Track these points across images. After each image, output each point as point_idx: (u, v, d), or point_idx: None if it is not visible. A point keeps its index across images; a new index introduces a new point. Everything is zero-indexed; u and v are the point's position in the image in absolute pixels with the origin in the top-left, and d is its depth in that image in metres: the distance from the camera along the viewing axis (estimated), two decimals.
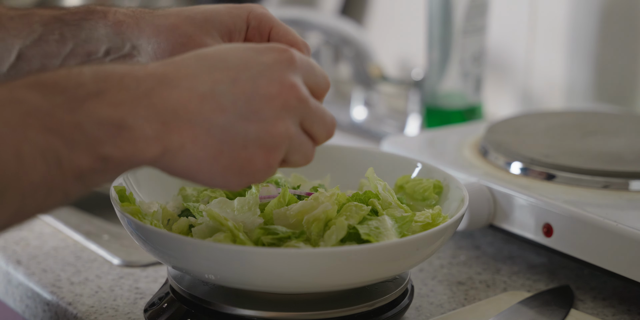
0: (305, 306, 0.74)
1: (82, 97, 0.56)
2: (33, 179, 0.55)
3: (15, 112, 0.54)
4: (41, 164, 0.55)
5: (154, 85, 0.59)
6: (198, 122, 0.60)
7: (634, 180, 0.89)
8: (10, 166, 0.54)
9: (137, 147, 0.58)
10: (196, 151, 0.61)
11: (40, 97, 0.55)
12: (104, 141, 0.57)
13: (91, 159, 0.56)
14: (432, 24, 1.21)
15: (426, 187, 0.83)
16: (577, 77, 1.32)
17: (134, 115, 0.58)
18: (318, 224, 0.73)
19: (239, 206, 0.77)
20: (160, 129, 0.59)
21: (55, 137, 0.55)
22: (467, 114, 1.23)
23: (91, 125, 0.56)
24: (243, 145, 0.62)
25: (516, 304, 0.82)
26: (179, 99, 0.60)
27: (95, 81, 0.57)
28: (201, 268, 0.71)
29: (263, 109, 0.62)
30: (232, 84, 0.62)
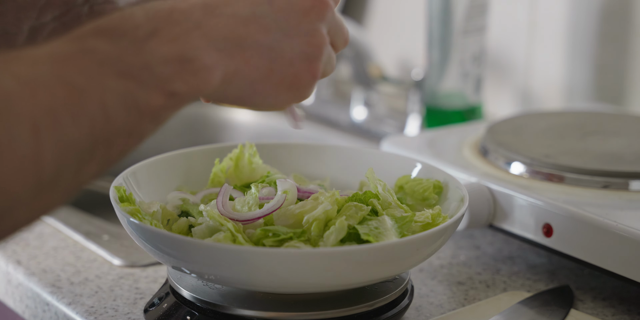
0: (305, 306, 0.74)
1: (142, 38, 0.57)
2: (117, 127, 0.55)
3: (91, 62, 0.55)
4: (122, 111, 0.55)
5: (201, 15, 0.61)
6: (247, 44, 0.62)
7: (634, 180, 0.89)
8: (99, 119, 0.54)
9: (200, 77, 0.59)
10: (250, 73, 0.63)
11: (108, 43, 0.56)
12: (171, 77, 0.58)
13: (163, 97, 0.57)
14: (432, 24, 1.21)
15: (426, 187, 0.83)
16: (577, 77, 1.32)
17: (191, 47, 0.59)
18: (318, 224, 0.73)
19: (239, 206, 0.77)
20: (217, 56, 0.60)
21: (130, 81, 0.56)
22: (467, 114, 1.23)
23: (157, 63, 0.57)
24: (290, 61, 0.65)
25: (516, 304, 0.82)
26: (226, 25, 0.61)
27: (148, 20, 0.58)
28: (201, 268, 0.71)
29: (302, 23, 0.65)
30: (269, 4, 0.64)
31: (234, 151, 0.86)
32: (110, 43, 0.56)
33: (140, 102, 0.56)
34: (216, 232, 0.73)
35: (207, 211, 0.75)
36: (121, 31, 0.57)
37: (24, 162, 0.51)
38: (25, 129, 0.51)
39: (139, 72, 0.56)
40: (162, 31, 0.58)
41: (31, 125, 0.51)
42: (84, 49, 0.55)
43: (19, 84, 0.51)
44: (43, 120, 0.51)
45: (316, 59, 0.66)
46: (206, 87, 0.60)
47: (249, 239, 0.73)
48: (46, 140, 0.51)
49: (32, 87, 0.52)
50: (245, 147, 0.86)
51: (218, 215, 0.74)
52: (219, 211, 0.76)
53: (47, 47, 0.55)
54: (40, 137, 0.51)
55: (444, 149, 1.00)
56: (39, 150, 0.51)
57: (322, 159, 0.90)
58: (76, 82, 0.53)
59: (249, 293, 0.75)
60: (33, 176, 0.51)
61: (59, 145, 0.52)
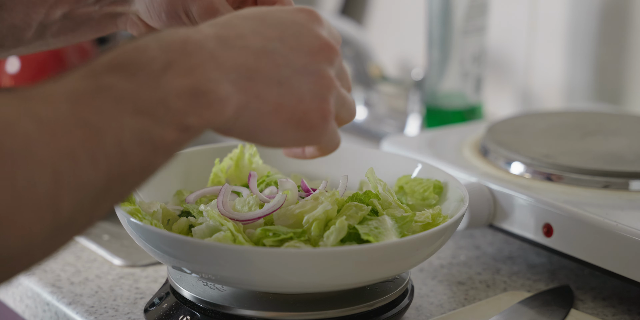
0: (305, 306, 0.74)
1: (157, 72, 0.57)
2: (133, 164, 0.55)
3: (107, 100, 0.54)
4: (137, 148, 0.55)
5: (214, 47, 0.60)
6: (258, 78, 0.62)
7: (634, 180, 0.89)
8: (115, 158, 0.54)
9: (214, 110, 0.59)
10: (259, 106, 0.62)
11: (124, 79, 0.55)
12: (186, 111, 0.57)
13: (177, 132, 0.57)
14: (432, 24, 1.21)
15: (426, 187, 0.83)
16: (577, 77, 1.32)
17: (205, 79, 0.58)
18: (318, 223, 0.73)
19: (239, 206, 0.77)
20: (230, 88, 0.60)
21: (145, 118, 0.55)
22: (467, 114, 1.23)
23: (173, 98, 0.57)
24: (299, 97, 0.63)
25: (516, 304, 0.82)
26: (239, 57, 0.61)
27: (162, 52, 0.57)
28: (201, 268, 0.71)
29: (311, 63, 0.64)
30: (280, 41, 0.64)
31: (234, 151, 0.86)
32: (126, 79, 0.55)
33: (155, 138, 0.56)
34: (216, 232, 0.73)
35: (207, 211, 0.75)
36: (136, 66, 0.56)
37: (42, 207, 0.50)
38: (46, 174, 0.50)
39: (154, 108, 0.56)
40: (176, 63, 0.57)
41: (52, 170, 0.50)
42: (100, 86, 0.54)
43: (39, 126, 0.51)
44: (62, 164, 0.51)
45: (325, 98, 0.64)
46: (219, 120, 0.59)
47: (249, 239, 0.73)
48: (65, 184, 0.51)
49: (52, 130, 0.51)
50: (245, 148, 0.86)
51: (218, 215, 0.74)
52: (219, 211, 0.76)
53: (64, 84, 0.54)
54: (59, 181, 0.51)
55: (444, 149, 1.00)
56: (58, 193, 0.51)
57: (322, 158, 0.89)
58: (94, 122, 0.53)
59: (249, 293, 0.75)
60: (51, 219, 0.51)
61: (77, 187, 0.52)
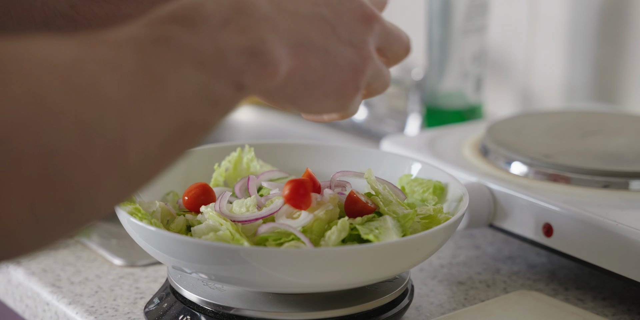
0: (305, 306, 0.74)
1: (216, 27, 0.56)
2: (193, 118, 0.54)
3: (169, 49, 0.53)
4: (198, 101, 0.54)
5: (267, 8, 0.59)
6: (307, 44, 0.61)
7: (634, 180, 0.89)
8: (178, 109, 0.53)
9: (268, 71, 0.58)
10: (306, 73, 0.62)
11: (184, 30, 0.55)
12: (243, 69, 0.57)
13: (233, 89, 0.56)
14: (432, 24, 1.21)
15: (426, 188, 0.83)
16: (577, 77, 1.32)
17: (260, 39, 0.58)
18: (319, 223, 0.73)
19: (236, 208, 0.77)
20: (283, 51, 0.59)
21: (205, 71, 0.55)
22: (467, 114, 1.23)
23: (231, 55, 0.56)
24: (340, 68, 0.63)
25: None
26: (290, 22, 0.60)
27: (220, 9, 0.57)
28: (200, 268, 0.71)
29: (354, 33, 0.64)
30: (327, 6, 0.63)
31: (233, 155, 0.86)
32: (187, 30, 0.55)
33: (214, 93, 0.55)
34: (216, 232, 0.73)
35: (206, 211, 0.75)
36: (195, 19, 0.55)
37: (110, 148, 0.49)
38: (114, 116, 0.49)
39: (213, 62, 0.55)
40: (232, 21, 0.57)
41: (119, 112, 0.49)
42: (162, 35, 0.54)
43: (104, 68, 0.50)
44: (128, 107, 0.50)
45: (361, 71, 0.65)
46: (271, 82, 0.59)
47: (249, 239, 0.73)
48: (131, 127, 0.50)
49: (117, 73, 0.50)
50: (244, 151, 0.86)
51: (217, 215, 0.74)
52: (218, 212, 0.76)
53: (126, 31, 0.53)
54: (126, 124, 0.50)
55: (444, 149, 1.00)
56: (125, 136, 0.50)
57: (322, 158, 0.90)
58: (157, 70, 0.52)
59: (250, 293, 0.75)
60: (119, 163, 0.50)
61: (143, 133, 0.51)
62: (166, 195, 0.84)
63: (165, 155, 0.53)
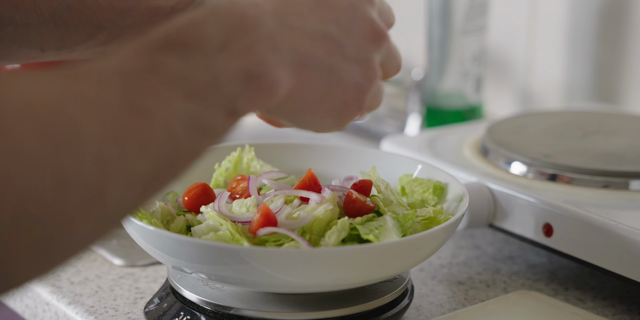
0: (305, 306, 0.74)
1: (212, 52, 0.55)
2: (180, 150, 0.53)
3: (159, 81, 0.52)
4: (186, 133, 0.53)
5: (272, 26, 0.58)
6: (310, 63, 0.60)
7: (634, 180, 0.89)
8: (164, 144, 0.52)
9: (264, 94, 0.57)
10: (307, 93, 0.61)
11: (178, 60, 0.53)
12: (237, 95, 0.55)
13: (225, 116, 0.55)
14: (431, 24, 1.21)
15: (426, 188, 0.83)
16: (577, 77, 1.32)
17: (260, 61, 0.57)
18: (319, 223, 0.73)
19: (237, 208, 0.77)
20: (284, 72, 0.58)
21: (196, 102, 0.53)
22: (467, 114, 1.23)
23: (226, 81, 0.55)
24: (344, 88, 0.62)
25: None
26: (295, 40, 0.59)
27: (220, 29, 0.55)
28: (200, 268, 0.71)
29: (360, 52, 0.63)
30: (335, 23, 0.62)
31: (233, 155, 0.86)
32: (179, 58, 0.53)
33: (204, 123, 0.54)
34: (216, 232, 0.73)
35: (206, 211, 0.75)
36: (191, 44, 0.54)
37: (88, 196, 0.48)
38: (93, 160, 0.48)
39: (206, 91, 0.54)
40: (232, 43, 0.55)
41: (98, 156, 0.48)
42: (152, 65, 0.52)
43: (85, 109, 0.48)
44: (110, 150, 0.48)
45: (365, 91, 0.64)
46: (268, 103, 0.58)
47: (249, 240, 0.73)
48: (112, 172, 0.48)
49: (99, 113, 0.49)
50: (244, 151, 0.86)
51: (217, 215, 0.74)
52: (217, 212, 0.75)
53: (114, 61, 0.52)
54: (107, 169, 0.48)
55: (444, 149, 1.00)
56: (104, 182, 0.48)
57: (322, 158, 0.90)
58: (144, 106, 0.51)
59: (250, 293, 0.75)
60: (96, 209, 0.48)
61: (124, 175, 0.49)
62: (166, 195, 0.84)
63: (148, 190, 0.52)
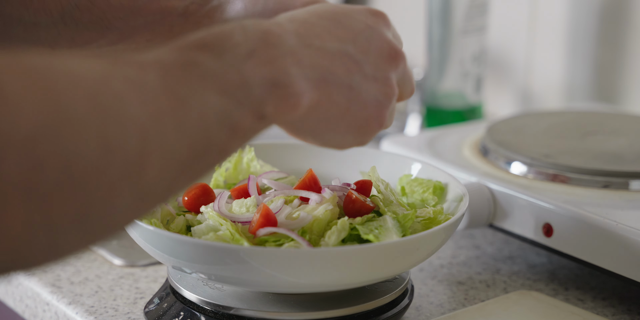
0: (305, 306, 0.74)
1: (242, 56, 0.57)
2: (212, 143, 0.55)
3: (194, 74, 0.54)
4: (218, 127, 0.55)
5: (294, 43, 0.60)
6: (331, 80, 0.62)
7: (634, 180, 0.89)
8: (198, 132, 0.54)
9: (290, 103, 0.59)
10: (329, 108, 0.62)
11: (211, 58, 0.56)
12: (265, 100, 0.57)
13: (253, 118, 0.57)
14: (431, 24, 1.21)
15: (426, 188, 0.83)
16: (577, 77, 1.32)
17: (285, 72, 0.59)
18: (319, 223, 0.73)
19: (236, 208, 0.77)
20: (306, 85, 0.60)
21: (228, 99, 0.55)
22: (467, 114, 1.23)
23: (254, 84, 0.57)
24: (364, 104, 0.64)
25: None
26: (315, 57, 0.61)
27: (246, 40, 0.58)
28: (200, 268, 0.71)
29: (379, 70, 0.65)
30: (353, 43, 0.64)
31: (232, 155, 0.86)
32: (213, 58, 0.56)
33: (234, 121, 0.56)
34: (216, 232, 0.73)
35: (206, 211, 0.75)
36: (223, 47, 0.57)
37: (130, 166, 0.49)
38: (135, 133, 0.49)
39: (237, 90, 0.56)
40: (258, 52, 0.58)
41: (140, 130, 0.50)
42: (188, 60, 0.55)
43: (129, 87, 0.50)
44: (151, 127, 0.50)
45: (385, 108, 0.65)
46: (292, 114, 0.60)
47: (249, 240, 0.73)
48: (152, 148, 0.50)
49: (142, 93, 0.51)
50: (244, 151, 0.86)
51: (217, 215, 0.74)
52: (217, 212, 0.76)
53: (153, 54, 0.54)
54: (147, 143, 0.50)
55: (444, 149, 1.00)
56: (145, 155, 0.50)
57: (323, 158, 0.90)
58: (181, 93, 0.53)
59: (250, 293, 0.75)
60: (136, 181, 0.50)
61: (163, 153, 0.51)
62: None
63: (181, 176, 0.54)
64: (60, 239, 0.48)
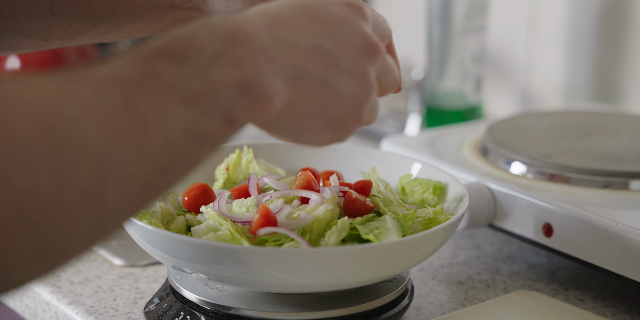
0: (305, 306, 0.74)
1: (207, 61, 0.55)
2: (178, 156, 0.53)
3: (156, 87, 0.52)
4: (184, 139, 0.53)
5: (266, 39, 0.58)
6: (306, 77, 0.60)
7: (634, 180, 0.89)
8: (161, 149, 0.52)
9: (260, 105, 0.57)
10: (303, 106, 0.61)
11: (173, 66, 0.53)
12: (233, 104, 0.56)
13: (223, 125, 0.55)
14: (432, 24, 1.21)
15: (426, 188, 0.83)
16: (577, 77, 1.32)
17: (254, 72, 0.57)
18: (319, 223, 0.73)
19: (237, 208, 0.77)
20: (279, 84, 0.58)
21: (193, 108, 0.53)
22: (467, 114, 1.23)
23: (221, 89, 0.55)
24: (341, 101, 0.62)
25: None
26: (288, 53, 0.59)
27: (213, 42, 0.56)
28: (200, 268, 0.71)
29: (356, 65, 0.63)
30: (328, 37, 0.62)
31: (231, 156, 0.86)
32: (175, 67, 0.53)
33: (202, 131, 0.54)
34: (216, 232, 0.73)
35: (206, 211, 0.75)
36: (186, 54, 0.54)
37: (87, 197, 0.47)
38: (92, 161, 0.47)
39: (202, 99, 0.54)
40: (226, 54, 0.56)
41: (97, 156, 0.48)
42: (149, 72, 0.52)
43: (84, 110, 0.48)
44: (108, 151, 0.48)
45: (363, 104, 0.63)
46: (263, 115, 0.58)
47: (250, 240, 0.73)
48: (111, 173, 0.48)
49: (98, 115, 0.49)
50: (242, 152, 0.86)
51: (217, 215, 0.74)
52: (217, 211, 0.76)
53: (112, 68, 0.52)
54: (105, 170, 0.48)
55: (444, 149, 1.00)
56: (103, 182, 0.48)
57: (322, 158, 0.89)
58: (141, 110, 0.51)
59: (250, 293, 0.75)
60: (95, 210, 0.48)
61: (122, 177, 0.49)
62: (166, 195, 0.84)
63: (145, 196, 0.52)
64: (14, 273, 0.46)
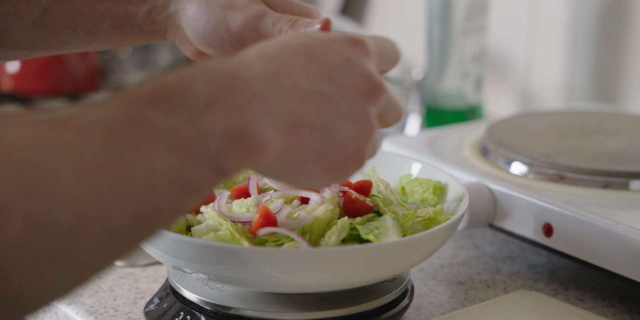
0: (306, 306, 0.74)
1: (199, 109, 0.53)
2: (161, 205, 0.52)
3: (142, 135, 0.51)
4: (168, 189, 0.52)
5: (262, 86, 0.57)
6: (303, 123, 0.59)
7: (634, 180, 0.89)
8: (144, 198, 0.50)
9: (252, 154, 0.56)
10: (301, 153, 0.59)
11: (162, 114, 0.52)
12: (223, 153, 0.54)
13: (210, 173, 0.54)
14: (431, 23, 1.21)
15: (426, 188, 0.83)
16: (577, 77, 1.32)
17: (248, 121, 0.55)
18: (319, 223, 0.73)
19: (236, 208, 0.77)
20: (274, 133, 0.57)
21: (180, 157, 0.52)
22: (467, 114, 1.23)
23: (212, 138, 0.53)
24: (341, 145, 0.61)
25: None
26: (286, 100, 0.58)
27: (207, 88, 0.54)
28: (200, 268, 0.71)
29: (356, 107, 0.61)
30: (329, 81, 0.60)
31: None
32: (165, 113, 0.52)
33: (188, 180, 0.53)
34: (216, 232, 0.73)
35: (206, 211, 0.75)
36: (178, 100, 0.53)
37: (61, 243, 0.46)
38: (68, 209, 0.46)
39: (191, 147, 0.52)
40: (220, 102, 0.54)
41: (74, 204, 0.47)
42: (136, 119, 0.51)
43: (64, 157, 0.47)
44: (87, 199, 0.47)
45: (364, 145, 0.62)
46: (257, 163, 0.57)
47: (249, 240, 0.73)
48: (88, 221, 0.47)
49: (78, 162, 0.48)
50: None
51: (217, 215, 0.74)
52: (217, 211, 0.76)
53: (98, 112, 0.51)
54: (82, 218, 0.47)
55: (444, 149, 1.00)
56: (79, 232, 0.47)
57: None
58: (124, 158, 0.49)
59: (250, 293, 0.75)
60: (69, 258, 0.47)
61: (100, 227, 0.48)
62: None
63: (123, 245, 0.51)
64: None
